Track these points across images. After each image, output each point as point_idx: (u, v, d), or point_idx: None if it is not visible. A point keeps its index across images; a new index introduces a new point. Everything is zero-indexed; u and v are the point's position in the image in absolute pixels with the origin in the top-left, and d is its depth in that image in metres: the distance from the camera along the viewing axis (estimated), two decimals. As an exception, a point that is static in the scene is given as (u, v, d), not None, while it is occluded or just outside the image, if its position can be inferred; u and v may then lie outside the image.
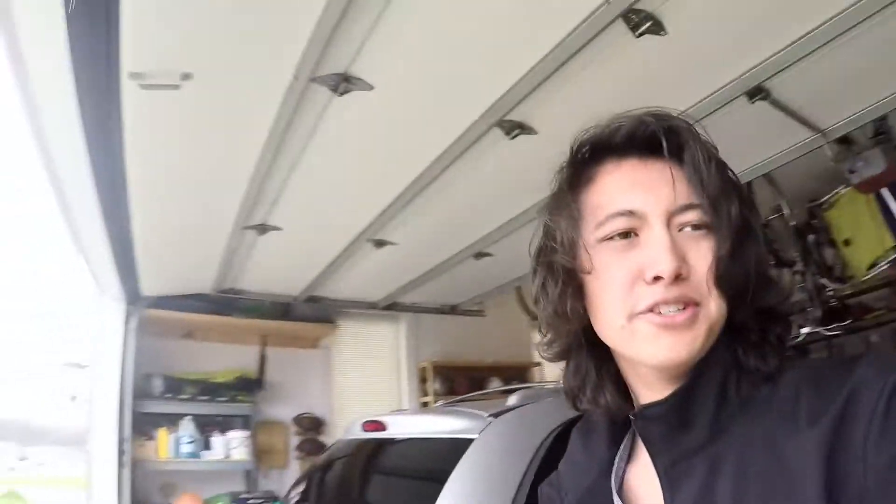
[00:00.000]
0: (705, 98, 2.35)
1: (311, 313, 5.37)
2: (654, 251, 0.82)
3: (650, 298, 0.82)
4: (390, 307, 5.38)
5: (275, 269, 4.37)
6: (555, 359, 0.98)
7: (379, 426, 2.94)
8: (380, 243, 3.80)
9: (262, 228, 3.51)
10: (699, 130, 0.89)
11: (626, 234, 0.86)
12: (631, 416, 0.92)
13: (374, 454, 2.99)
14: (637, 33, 1.93)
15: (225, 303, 4.91)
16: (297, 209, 3.27)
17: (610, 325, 0.87)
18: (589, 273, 0.89)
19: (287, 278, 4.62)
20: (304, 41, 1.94)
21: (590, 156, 0.93)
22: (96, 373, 4.47)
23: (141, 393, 4.58)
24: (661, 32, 1.93)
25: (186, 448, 4.64)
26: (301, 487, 3.59)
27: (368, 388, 5.52)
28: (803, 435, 0.74)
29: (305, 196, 3.11)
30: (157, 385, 4.71)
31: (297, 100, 2.23)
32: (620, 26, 1.93)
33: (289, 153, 2.64)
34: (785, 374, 0.83)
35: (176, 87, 2.07)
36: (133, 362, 4.55)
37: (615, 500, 0.94)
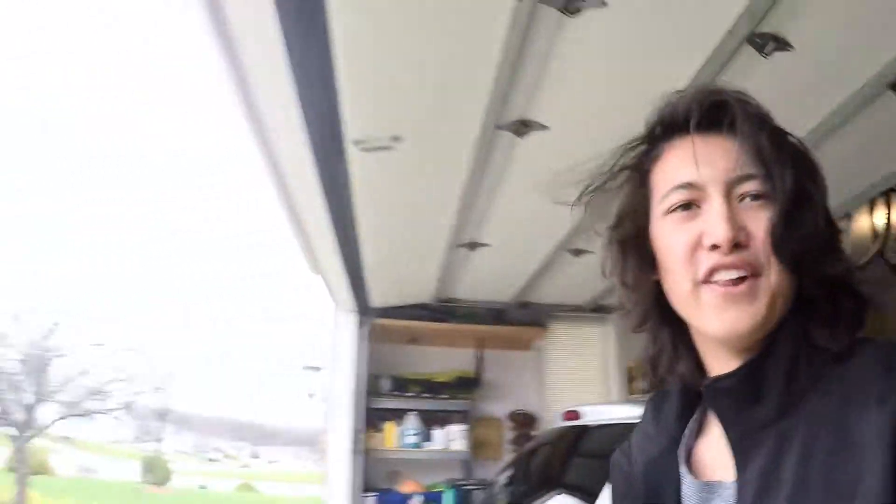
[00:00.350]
0: (845, 100, 2.33)
1: (523, 317, 5.62)
2: (712, 220, 0.85)
3: (709, 262, 0.84)
4: (597, 309, 5.60)
5: (487, 279, 4.80)
6: (633, 329, 1.00)
7: (575, 415, 3.36)
8: (577, 252, 4.08)
9: (472, 245, 3.96)
10: (751, 100, 0.92)
11: (688, 206, 0.88)
12: (702, 388, 0.93)
13: (572, 440, 3.36)
14: (764, 53, 2.03)
15: (444, 311, 5.38)
16: (501, 228, 3.70)
17: (677, 292, 0.90)
18: (653, 244, 0.94)
19: (498, 287, 5.04)
20: (485, 97, 2.31)
21: (661, 134, 0.97)
22: (333, 375, 5.10)
23: (371, 391, 5.15)
24: (788, 48, 2.01)
25: (411, 439, 5.12)
26: (509, 470, 4.01)
27: (578, 386, 5.62)
28: (872, 413, 0.73)
29: (506, 218, 3.52)
30: (386, 384, 5.24)
31: (487, 145, 2.65)
32: (748, 50, 2.05)
33: (487, 185, 3.06)
34: (858, 352, 0.81)
35: (389, 148, 2.50)
36: (365, 365, 5.15)
37: (682, 471, 0.94)
